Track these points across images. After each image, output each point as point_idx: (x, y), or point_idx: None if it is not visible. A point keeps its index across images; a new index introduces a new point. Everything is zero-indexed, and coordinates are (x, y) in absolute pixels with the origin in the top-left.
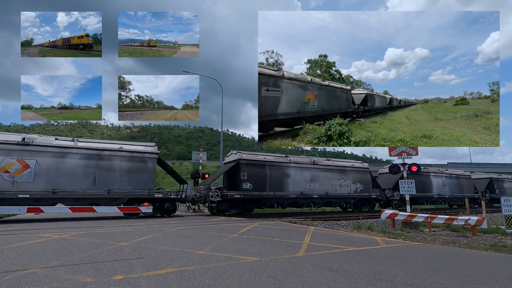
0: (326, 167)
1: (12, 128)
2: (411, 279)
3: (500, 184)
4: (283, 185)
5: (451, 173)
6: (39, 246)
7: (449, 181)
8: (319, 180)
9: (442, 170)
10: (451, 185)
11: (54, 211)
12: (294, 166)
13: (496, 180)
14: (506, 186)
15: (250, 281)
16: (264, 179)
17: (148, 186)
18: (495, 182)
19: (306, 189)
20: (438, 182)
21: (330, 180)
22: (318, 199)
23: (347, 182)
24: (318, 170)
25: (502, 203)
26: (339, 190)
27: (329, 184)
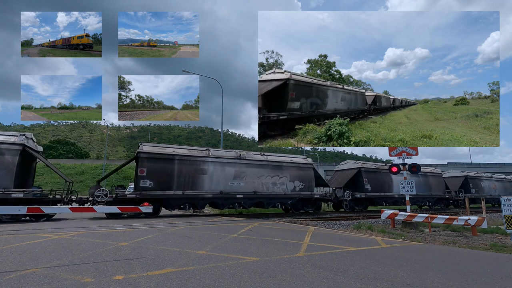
0: (256, 162)
1: (12, 128)
2: (411, 279)
3: (476, 183)
4: (197, 183)
5: (424, 171)
6: (39, 246)
7: (415, 179)
8: (246, 177)
9: None
10: (417, 184)
11: (54, 211)
12: (214, 161)
13: (472, 179)
14: (484, 185)
15: (250, 281)
16: (170, 175)
17: (3, 184)
18: (470, 181)
19: (227, 187)
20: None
21: (260, 178)
22: (244, 199)
23: (283, 180)
24: (246, 165)
25: (502, 203)
26: (272, 189)
27: (258, 182)
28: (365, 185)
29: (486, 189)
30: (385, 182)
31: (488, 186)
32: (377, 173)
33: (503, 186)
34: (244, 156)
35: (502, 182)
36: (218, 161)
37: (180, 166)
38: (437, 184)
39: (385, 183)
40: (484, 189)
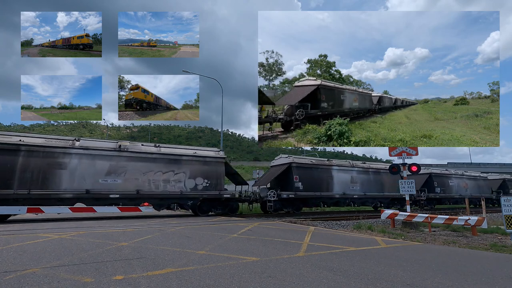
0: (141, 155)
1: (12, 128)
2: (411, 279)
3: (443, 181)
4: (51, 180)
5: (368, 167)
6: (39, 246)
7: (362, 177)
8: (126, 173)
9: (354, 162)
10: (365, 182)
11: (54, 211)
12: (80, 153)
13: (438, 176)
14: (452, 184)
15: (250, 281)
16: (10, 171)
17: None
18: (435, 179)
19: (97, 185)
20: (344, 178)
21: (147, 174)
22: (122, 199)
23: (180, 177)
24: (126, 159)
25: (502, 203)
26: (163, 187)
27: (144, 179)
28: (295, 183)
29: (455, 188)
30: (323, 180)
31: (457, 185)
32: (312, 170)
33: (477, 184)
34: (126, 148)
35: (476, 180)
36: (87, 153)
37: (27, 159)
38: (393, 182)
39: (323, 181)
40: (452, 188)
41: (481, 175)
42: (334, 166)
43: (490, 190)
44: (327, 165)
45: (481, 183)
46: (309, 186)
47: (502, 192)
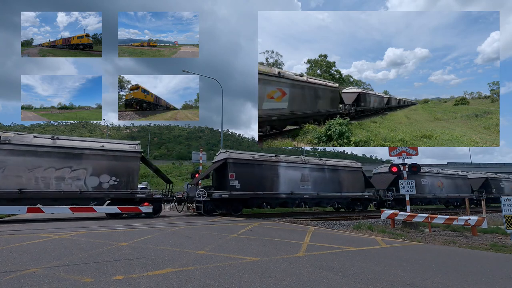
0: (26, 148)
1: (12, 128)
2: (411, 279)
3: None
4: None
5: (323, 164)
6: (39, 246)
7: (316, 174)
8: (4, 170)
9: (307, 159)
10: (319, 180)
11: (54, 211)
12: None
13: None
14: (425, 183)
15: (250, 281)
16: None
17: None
18: (418, 177)
19: None
20: (293, 176)
21: (33, 170)
22: None
23: (79, 173)
24: (6, 153)
25: (502, 203)
26: (56, 185)
27: (27, 177)
28: (230, 181)
29: (428, 187)
30: (266, 178)
31: (431, 184)
32: (254, 166)
33: (455, 184)
34: (8, 139)
35: (453, 179)
36: None
37: None
38: (354, 181)
39: (266, 179)
40: (424, 188)
41: (461, 174)
42: (281, 163)
43: (471, 190)
44: (272, 161)
45: (460, 182)
46: (248, 184)
47: (484, 191)
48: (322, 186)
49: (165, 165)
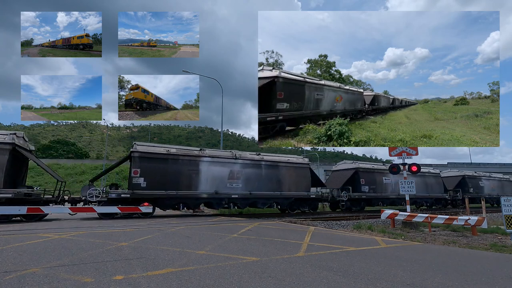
0: None
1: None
2: (411, 279)
3: (372, 178)
4: None
5: (259, 159)
6: (39, 246)
7: (250, 171)
8: None
9: (239, 153)
10: (254, 177)
11: (54, 211)
12: None
13: (365, 172)
14: (387, 181)
15: (250, 281)
16: None
17: None
18: (362, 175)
19: None
20: (219, 172)
21: None
22: None
23: None
24: None
25: (502, 203)
26: None
27: None
28: (134, 179)
29: (391, 186)
30: (183, 176)
31: (394, 183)
32: (167, 162)
33: (425, 182)
34: None
35: (423, 177)
36: None
37: None
38: (298, 179)
39: (183, 176)
40: (386, 187)
41: (432, 171)
42: (204, 158)
43: (443, 189)
44: (191, 155)
45: (431, 180)
46: (158, 183)
47: (460, 191)
48: (256, 185)
49: None
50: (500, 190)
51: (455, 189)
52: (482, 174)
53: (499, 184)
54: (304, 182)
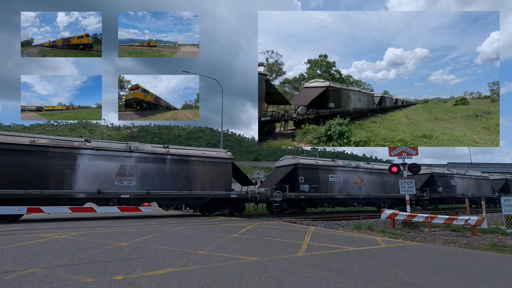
0: None
1: (12, 128)
2: (411, 279)
3: (318, 176)
4: None
5: (164, 153)
6: (39, 246)
7: (147, 167)
8: None
9: (134, 145)
10: (153, 174)
11: (54, 211)
12: None
13: (309, 169)
14: (334, 180)
15: (250, 281)
16: None
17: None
18: (303, 172)
19: None
20: (106, 168)
21: None
22: None
23: None
24: None
25: (502, 203)
26: None
27: None
28: None
29: (338, 185)
30: (51, 171)
31: (343, 180)
32: (29, 155)
33: (381, 181)
34: None
35: (380, 174)
36: None
37: None
38: (216, 177)
39: (51, 172)
40: (333, 186)
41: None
42: (85, 150)
43: None
44: (66, 147)
45: (390, 179)
46: (10, 181)
47: (428, 190)
48: (157, 183)
49: None
50: (476, 189)
51: (422, 188)
52: (455, 172)
53: (475, 183)
54: (223, 180)
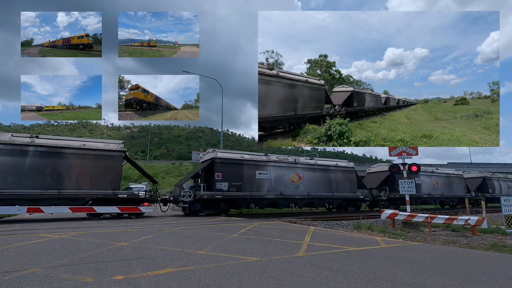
0: None
1: (12, 128)
2: (411, 279)
3: (232, 171)
4: None
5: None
6: (39, 246)
7: None
8: None
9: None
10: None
11: (54, 211)
12: None
13: (225, 163)
14: (261, 176)
15: (250, 281)
16: None
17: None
18: (219, 167)
19: None
20: None
21: None
22: None
23: None
24: None
25: (502, 203)
26: None
27: None
28: None
29: (269, 183)
30: None
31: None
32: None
33: (327, 178)
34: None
35: (326, 171)
36: None
37: None
38: (100, 172)
39: None
40: (260, 184)
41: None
42: None
43: (356, 186)
44: None
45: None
46: None
47: (387, 189)
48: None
49: (164, 165)
50: (447, 188)
51: (380, 186)
52: (422, 169)
53: (445, 181)
54: (107, 177)
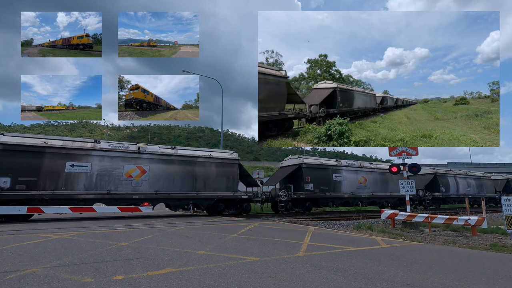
0: None
1: (12, 128)
2: (411, 279)
3: None
4: None
5: None
6: (39, 246)
7: None
8: None
9: None
10: None
11: (54, 211)
12: None
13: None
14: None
15: (250, 281)
16: None
17: None
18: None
19: None
20: None
21: None
22: None
23: None
24: None
25: (503, 203)
26: None
27: None
28: None
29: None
30: None
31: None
32: None
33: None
34: None
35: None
36: None
37: None
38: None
39: None
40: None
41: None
42: None
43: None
44: None
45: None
46: None
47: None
48: None
49: None
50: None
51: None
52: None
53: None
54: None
